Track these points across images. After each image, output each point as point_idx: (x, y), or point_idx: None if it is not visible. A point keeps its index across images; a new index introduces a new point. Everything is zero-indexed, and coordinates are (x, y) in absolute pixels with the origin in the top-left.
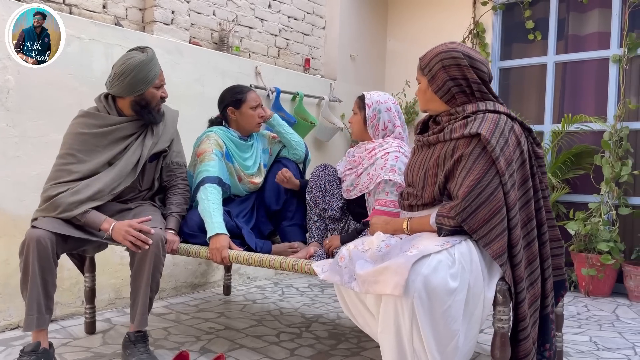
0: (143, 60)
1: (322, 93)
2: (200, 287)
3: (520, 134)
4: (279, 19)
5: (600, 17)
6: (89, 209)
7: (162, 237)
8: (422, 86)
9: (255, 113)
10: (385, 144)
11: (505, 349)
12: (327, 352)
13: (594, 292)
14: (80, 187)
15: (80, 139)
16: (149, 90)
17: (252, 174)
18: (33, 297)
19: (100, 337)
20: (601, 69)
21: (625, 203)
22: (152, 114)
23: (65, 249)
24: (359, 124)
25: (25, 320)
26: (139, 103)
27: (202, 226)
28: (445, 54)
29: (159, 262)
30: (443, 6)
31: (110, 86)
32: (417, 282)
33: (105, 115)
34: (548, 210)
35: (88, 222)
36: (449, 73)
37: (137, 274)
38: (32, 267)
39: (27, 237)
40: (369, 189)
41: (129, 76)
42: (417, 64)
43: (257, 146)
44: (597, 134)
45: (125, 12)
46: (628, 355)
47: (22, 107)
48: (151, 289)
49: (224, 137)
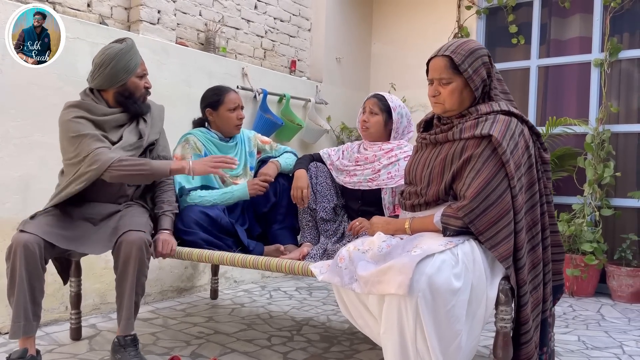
0: (122, 49)
1: (309, 95)
2: (187, 291)
3: (529, 137)
4: (265, 20)
5: (582, 22)
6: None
7: (145, 240)
8: (457, 85)
9: (233, 115)
10: (404, 147)
11: (507, 349)
12: (320, 355)
13: (578, 292)
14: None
15: (84, 122)
16: (130, 79)
17: (236, 175)
18: (20, 304)
19: (86, 343)
20: (583, 72)
21: (607, 204)
22: (138, 104)
23: (53, 253)
24: (380, 125)
25: (12, 327)
26: (123, 94)
27: (199, 222)
28: (480, 50)
29: (143, 265)
30: (427, 10)
31: (92, 79)
32: (422, 282)
33: (97, 105)
34: (551, 215)
35: (154, 168)
36: (487, 70)
37: (121, 278)
38: (20, 273)
39: (14, 241)
40: (387, 185)
41: (108, 66)
42: (441, 63)
43: (242, 147)
44: (580, 136)
45: (111, 11)
46: (617, 354)
47: (4, 107)
48: (136, 293)
49: (203, 140)
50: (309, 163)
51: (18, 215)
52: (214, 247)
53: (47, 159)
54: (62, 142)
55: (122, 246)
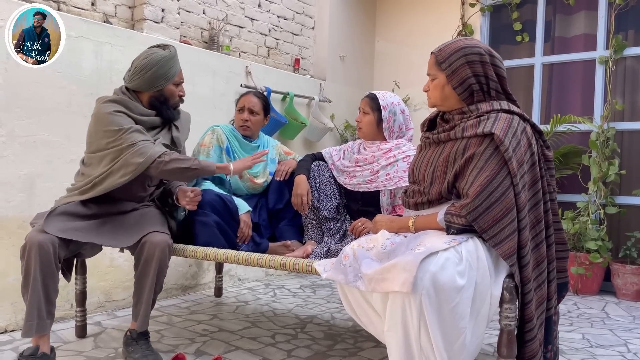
0: (165, 56)
1: (312, 93)
2: (191, 289)
3: (532, 135)
4: (268, 18)
5: (587, 19)
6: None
7: (169, 243)
8: (439, 82)
9: (240, 116)
10: (403, 146)
11: (511, 347)
12: (324, 352)
13: (582, 290)
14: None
15: (125, 117)
16: (168, 86)
17: (254, 173)
18: (34, 303)
19: (91, 341)
20: (588, 70)
21: (612, 202)
22: (170, 111)
23: (67, 251)
24: (371, 125)
25: (24, 326)
26: (158, 99)
27: (213, 204)
28: (468, 49)
29: (164, 266)
30: (431, 8)
31: (130, 80)
32: (426, 280)
33: (135, 104)
34: (554, 212)
35: (202, 164)
36: (472, 69)
37: (142, 275)
38: (34, 272)
39: (29, 240)
40: (386, 187)
41: (150, 70)
42: (431, 59)
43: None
44: (585, 134)
45: (115, 10)
46: (621, 352)
47: (9, 105)
48: (155, 291)
49: (228, 133)
50: (310, 165)
51: (23, 213)
52: (224, 231)
53: (52, 157)
54: (95, 134)
55: (146, 246)
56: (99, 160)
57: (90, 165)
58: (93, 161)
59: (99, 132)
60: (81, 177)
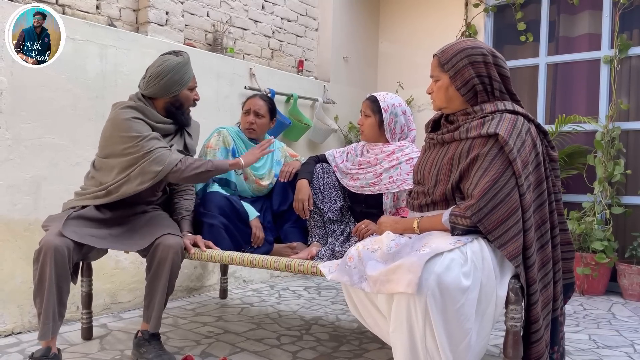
0: (180, 62)
1: (316, 95)
2: (196, 290)
3: (536, 136)
4: (272, 20)
5: (591, 18)
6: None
7: (182, 246)
8: (443, 83)
9: (245, 118)
10: (406, 149)
11: (517, 348)
12: (329, 354)
13: (588, 290)
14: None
15: (143, 124)
16: (183, 91)
17: (260, 175)
18: (50, 306)
19: (97, 343)
20: (592, 70)
21: (618, 202)
22: (185, 116)
23: (79, 255)
24: (372, 127)
25: (42, 329)
26: (174, 104)
27: (220, 206)
28: (470, 50)
29: (176, 268)
30: (435, 8)
31: (146, 87)
32: (430, 281)
33: (152, 111)
34: (560, 213)
35: (215, 164)
36: (476, 70)
37: (154, 277)
38: (49, 276)
39: (44, 244)
40: (389, 190)
41: (165, 77)
42: (434, 61)
43: (271, 154)
44: (590, 134)
45: (119, 13)
46: (628, 353)
47: (15, 109)
48: (167, 293)
49: (234, 135)
50: (312, 168)
51: (29, 216)
52: (231, 233)
53: (58, 160)
54: (111, 138)
55: (160, 248)
56: (111, 166)
57: (101, 169)
58: (105, 166)
59: (115, 137)
60: (91, 180)
